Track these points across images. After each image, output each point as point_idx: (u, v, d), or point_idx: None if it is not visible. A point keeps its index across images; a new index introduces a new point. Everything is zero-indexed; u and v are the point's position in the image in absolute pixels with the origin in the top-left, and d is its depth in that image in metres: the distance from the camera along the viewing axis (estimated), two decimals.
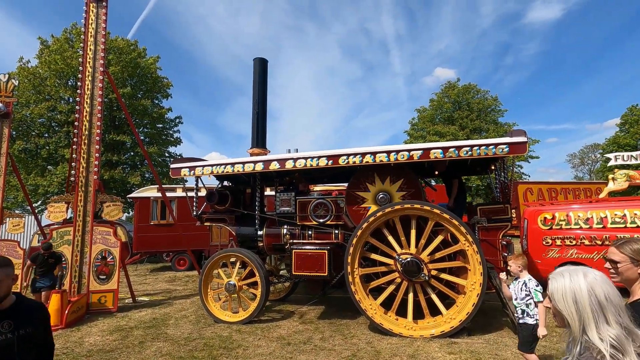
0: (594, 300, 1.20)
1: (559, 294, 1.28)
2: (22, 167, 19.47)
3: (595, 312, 1.18)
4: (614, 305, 1.19)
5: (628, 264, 1.69)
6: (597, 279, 1.25)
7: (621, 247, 1.74)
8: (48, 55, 19.93)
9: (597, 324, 1.17)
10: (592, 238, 7.40)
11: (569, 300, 1.24)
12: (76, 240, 7.25)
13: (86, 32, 7.93)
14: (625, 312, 1.21)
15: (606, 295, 1.20)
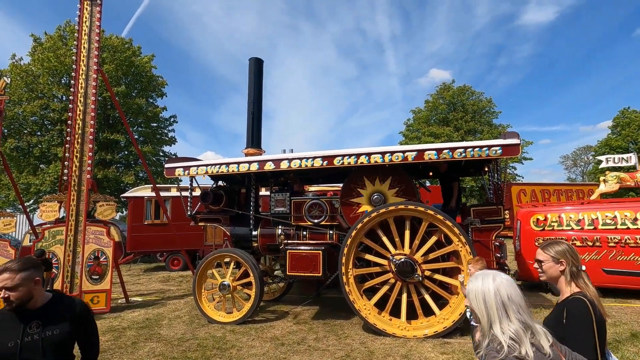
0: (499, 300, 1.38)
1: (472, 294, 1.46)
2: (14, 165, 19.24)
3: (500, 310, 1.37)
4: (515, 304, 1.38)
5: (550, 263, 1.91)
6: (503, 282, 1.43)
7: (545, 248, 1.96)
8: (41, 53, 19.72)
9: (500, 320, 1.37)
10: (584, 239, 7.50)
11: (480, 300, 1.42)
12: (68, 240, 7.19)
13: (80, 30, 7.86)
14: (524, 310, 1.40)
15: (509, 296, 1.39)
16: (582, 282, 1.86)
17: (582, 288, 1.85)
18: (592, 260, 7.39)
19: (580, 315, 1.74)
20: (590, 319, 1.72)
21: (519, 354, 1.30)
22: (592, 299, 1.80)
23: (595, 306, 1.77)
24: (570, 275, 1.88)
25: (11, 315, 1.87)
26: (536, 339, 1.37)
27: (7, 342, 1.80)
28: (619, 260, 7.17)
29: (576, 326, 1.73)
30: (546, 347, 1.35)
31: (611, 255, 7.24)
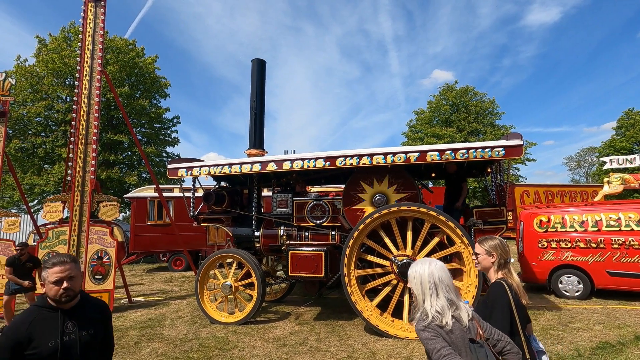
0: (432, 281, 1.71)
1: (411, 277, 1.79)
2: (19, 166, 19.36)
3: (431, 289, 1.70)
4: (444, 285, 1.72)
5: (484, 255, 2.24)
6: (436, 267, 1.76)
7: (481, 243, 2.28)
8: (46, 54, 19.84)
9: (431, 297, 1.70)
10: (587, 241, 7.45)
11: (417, 281, 1.75)
12: (72, 240, 7.23)
13: (84, 32, 7.92)
14: (452, 289, 1.74)
15: (440, 278, 1.72)
16: (506, 271, 2.18)
17: (505, 276, 2.16)
18: (595, 262, 7.35)
19: (498, 297, 2.07)
20: (506, 300, 2.04)
21: (439, 322, 1.65)
22: (512, 284, 2.11)
23: (513, 290, 2.08)
24: (498, 265, 2.20)
25: (48, 313, 1.83)
26: (457, 313, 1.71)
27: (47, 341, 1.76)
28: (623, 262, 7.12)
29: (495, 305, 2.06)
30: (465, 320, 1.70)
31: (615, 257, 7.19)
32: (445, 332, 1.63)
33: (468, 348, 1.62)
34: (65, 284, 1.83)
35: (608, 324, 5.78)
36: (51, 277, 1.82)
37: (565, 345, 4.87)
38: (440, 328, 1.64)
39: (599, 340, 5.05)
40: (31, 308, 1.86)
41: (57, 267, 1.84)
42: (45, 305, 1.85)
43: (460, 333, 1.65)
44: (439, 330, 1.63)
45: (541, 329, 5.58)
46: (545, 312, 6.50)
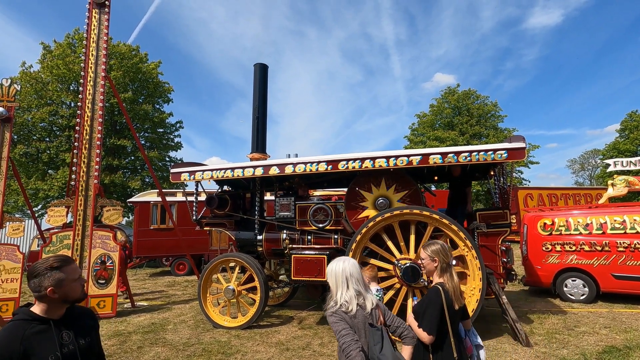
0: (344, 276, 2.05)
1: (328, 273, 2.13)
2: (23, 171, 19.51)
3: (343, 282, 2.04)
4: (354, 278, 2.07)
5: (428, 260, 2.48)
6: (348, 264, 2.12)
7: (425, 248, 2.52)
8: (50, 60, 20.06)
9: (342, 289, 2.04)
10: (592, 244, 7.40)
11: (332, 276, 2.08)
12: (76, 245, 7.26)
13: (88, 38, 8.00)
14: (360, 282, 2.09)
15: (350, 273, 2.07)
16: (447, 275, 2.42)
17: (444, 280, 2.41)
18: (600, 265, 7.29)
19: (432, 299, 2.35)
20: (439, 303, 2.31)
21: (346, 309, 2.02)
22: (448, 289, 2.37)
23: (448, 294, 2.35)
24: (441, 270, 2.44)
25: (39, 326, 1.68)
26: (363, 302, 2.06)
27: (47, 355, 1.63)
28: (629, 265, 7.06)
29: (427, 305, 2.35)
30: (368, 308, 2.06)
31: (620, 260, 7.14)
32: (349, 317, 2.00)
33: (367, 330, 2.00)
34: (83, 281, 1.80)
35: (614, 327, 5.72)
36: (72, 274, 1.73)
37: (571, 350, 4.82)
38: (345, 313, 2.01)
39: (605, 344, 5.00)
40: (15, 323, 1.66)
41: (73, 264, 1.77)
42: (33, 318, 1.68)
43: (362, 318, 2.02)
44: (343, 315, 2.00)
45: (546, 333, 5.53)
46: (551, 315, 6.44)
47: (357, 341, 1.92)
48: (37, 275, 1.69)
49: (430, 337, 2.26)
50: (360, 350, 1.89)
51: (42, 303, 1.71)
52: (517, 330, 5.10)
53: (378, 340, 1.96)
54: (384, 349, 1.95)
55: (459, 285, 2.43)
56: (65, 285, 1.70)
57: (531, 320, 6.21)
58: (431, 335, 2.26)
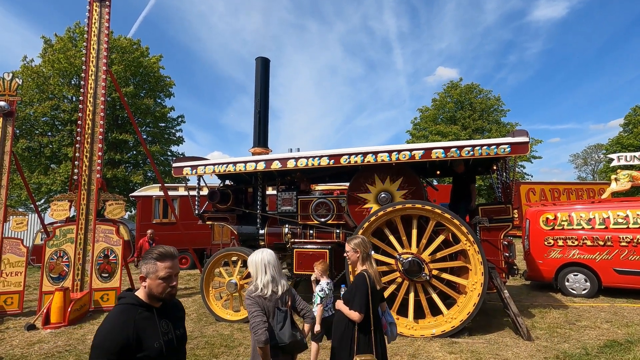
0: (262, 263, 2.39)
1: (249, 263, 2.47)
2: (26, 165, 19.57)
3: (261, 269, 2.37)
4: (271, 266, 2.43)
5: (352, 252, 2.80)
6: (267, 253, 2.48)
7: (349, 242, 2.86)
8: (51, 54, 20.01)
9: (261, 275, 2.38)
10: (595, 239, 7.39)
11: (253, 265, 2.42)
12: (79, 239, 7.30)
13: (89, 32, 7.96)
14: (276, 269, 2.46)
15: (268, 260, 2.42)
16: (368, 263, 2.77)
17: (367, 267, 2.76)
18: (603, 260, 7.29)
19: (359, 284, 2.66)
20: (364, 286, 2.64)
21: (261, 292, 2.38)
22: (371, 274, 2.71)
23: (372, 279, 2.69)
24: (362, 259, 2.78)
25: (145, 312, 1.66)
26: (276, 287, 2.42)
27: (153, 342, 1.61)
28: (631, 260, 7.05)
29: (354, 289, 2.67)
30: (279, 292, 2.43)
31: (623, 254, 7.13)
32: (263, 300, 2.37)
33: (276, 313, 2.38)
34: (174, 281, 1.70)
35: (616, 322, 5.73)
36: (161, 271, 1.66)
37: (572, 344, 4.84)
38: (260, 297, 2.37)
39: (606, 338, 5.01)
40: (126, 306, 1.65)
41: (169, 261, 1.69)
42: (140, 304, 1.67)
43: (273, 302, 2.39)
44: (257, 299, 2.36)
45: (548, 327, 5.54)
46: (552, 310, 6.46)
47: (265, 322, 2.28)
48: (142, 259, 1.71)
49: (361, 315, 2.59)
50: (266, 329, 2.25)
51: (143, 290, 1.71)
52: (518, 325, 5.11)
53: (280, 321, 2.35)
54: (284, 328, 2.34)
55: (378, 271, 2.85)
56: (150, 279, 1.67)
57: (533, 315, 6.22)
58: (362, 314, 2.59)
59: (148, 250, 1.73)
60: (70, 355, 4.87)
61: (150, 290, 1.68)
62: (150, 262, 1.68)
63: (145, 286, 1.69)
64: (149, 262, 1.68)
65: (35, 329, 6.11)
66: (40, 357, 4.85)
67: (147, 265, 1.68)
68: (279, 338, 2.31)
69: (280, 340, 2.31)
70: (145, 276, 1.68)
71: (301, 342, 2.44)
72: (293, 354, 2.49)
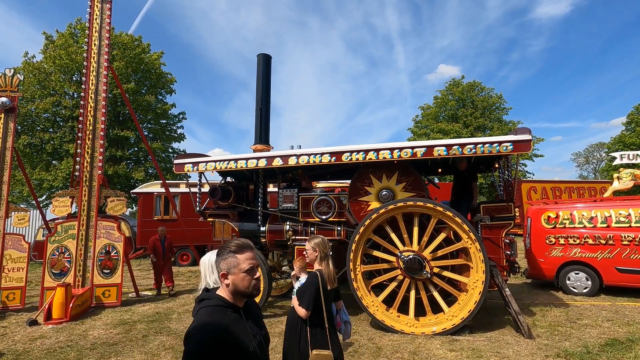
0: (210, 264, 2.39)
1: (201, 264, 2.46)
2: (27, 161, 19.61)
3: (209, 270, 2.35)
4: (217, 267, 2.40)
5: (311, 251, 2.96)
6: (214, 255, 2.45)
7: (309, 241, 3.00)
8: (53, 51, 20.00)
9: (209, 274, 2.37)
10: (596, 237, 7.37)
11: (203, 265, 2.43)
12: (80, 235, 7.31)
13: (90, 28, 7.94)
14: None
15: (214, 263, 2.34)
16: (325, 263, 2.92)
17: (322, 267, 2.91)
18: (604, 258, 7.27)
19: (311, 282, 2.83)
20: (316, 284, 2.78)
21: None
22: (324, 274, 2.87)
23: (324, 278, 2.85)
24: (320, 258, 2.93)
25: (233, 314, 1.53)
26: None
27: (248, 345, 1.47)
28: (633, 258, 7.04)
29: (307, 287, 2.82)
30: None
31: (625, 253, 7.11)
32: None
33: None
34: (257, 273, 1.57)
35: (617, 320, 5.72)
36: (243, 264, 1.53)
37: (573, 342, 4.84)
38: None
39: (607, 337, 5.01)
40: (215, 308, 1.51)
41: (249, 252, 1.57)
42: (228, 304, 1.53)
43: None
44: None
45: (549, 325, 5.54)
46: (553, 308, 6.45)
47: None
48: (218, 255, 1.59)
49: (307, 312, 2.73)
50: None
51: (226, 288, 1.57)
52: (519, 323, 5.11)
53: None
54: None
55: (333, 271, 2.98)
56: (234, 274, 1.54)
57: (534, 313, 6.22)
58: (308, 311, 2.73)
59: (222, 246, 1.62)
60: (71, 351, 4.89)
61: (235, 286, 1.54)
62: (229, 256, 1.56)
63: (228, 284, 1.54)
64: (227, 256, 1.56)
65: (37, 324, 6.13)
66: (42, 353, 4.87)
67: (227, 260, 1.55)
68: None
69: None
70: (227, 272, 1.54)
71: None
72: None
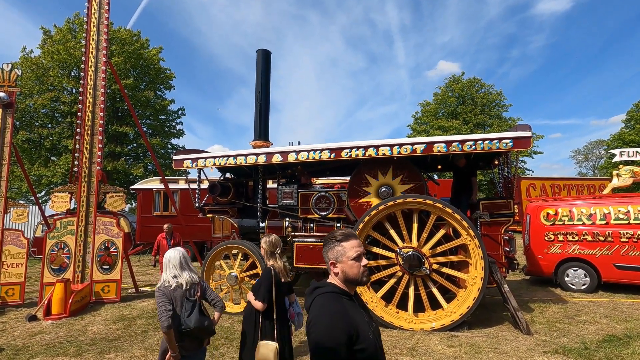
0: (168, 262, 2.76)
1: (164, 259, 2.81)
2: (26, 157, 19.54)
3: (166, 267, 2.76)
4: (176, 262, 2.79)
5: (265, 247, 3.28)
6: (172, 254, 2.82)
7: (262, 239, 3.36)
8: (51, 46, 19.86)
9: (167, 270, 2.75)
10: (595, 234, 7.39)
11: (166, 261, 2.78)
12: (79, 231, 7.30)
13: (89, 22, 7.89)
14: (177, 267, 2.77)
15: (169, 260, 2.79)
16: (274, 259, 3.23)
17: (273, 262, 3.21)
18: (603, 255, 7.29)
19: (265, 277, 3.12)
20: (269, 279, 3.08)
21: (167, 283, 2.71)
22: (277, 269, 3.16)
23: (277, 273, 3.14)
24: (268, 255, 3.25)
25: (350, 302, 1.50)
26: (180, 281, 2.74)
27: (367, 332, 1.43)
28: (632, 255, 7.05)
29: (262, 281, 3.12)
30: (184, 285, 2.74)
31: (623, 250, 7.13)
32: (170, 291, 2.68)
33: (184, 302, 2.70)
34: (365, 261, 1.55)
35: (615, 317, 5.74)
36: (350, 251, 1.51)
37: (571, 338, 4.86)
38: (167, 288, 2.68)
39: (605, 333, 5.03)
40: (331, 295, 1.49)
41: (354, 240, 1.55)
42: (342, 291, 1.51)
43: (180, 292, 2.70)
44: (164, 290, 2.67)
45: (547, 321, 5.56)
46: (551, 305, 6.48)
47: (169, 310, 2.58)
48: (325, 245, 1.59)
49: (263, 305, 2.99)
50: (169, 317, 2.55)
51: (336, 277, 1.56)
52: (518, 319, 5.13)
53: (188, 309, 2.67)
54: (192, 315, 2.65)
55: (284, 266, 3.26)
56: (342, 262, 1.52)
57: (532, 309, 6.24)
58: (265, 304, 2.99)
59: (328, 236, 1.59)
60: (71, 346, 4.90)
61: (345, 275, 1.52)
62: (335, 245, 1.54)
63: (337, 272, 1.53)
64: (333, 245, 1.54)
65: (37, 320, 6.14)
66: (42, 348, 4.88)
67: (334, 249, 1.54)
68: (185, 324, 2.61)
69: (185, 325, 2.61)
70: (336, 261, 1.53)
71: (208, 327, 2.74)
72: (200, 338, 2.76)
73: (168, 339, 2.54)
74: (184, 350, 2.64)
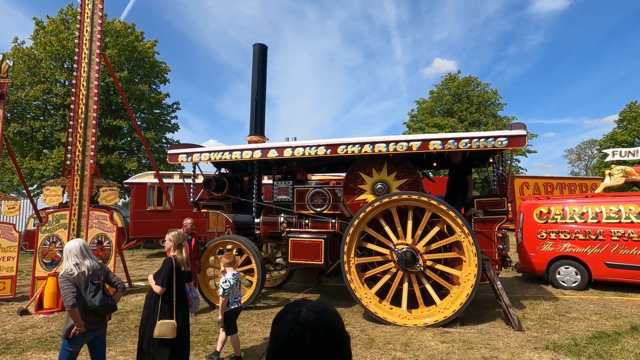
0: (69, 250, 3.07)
1: (65, 250, 3.12)
2: (18, 150, 19.26)
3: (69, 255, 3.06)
4: (77, 251, 3.11)
5: (168, 241, 3.65)
6: (72, 244, 3.15)
7: (169, 232, 3.69)
8: (43, 37, 19.53)
9: (68, 259, 3.06)
10: (587, 232, 7.48)
11: (65, 251, 3.12)
12: (72, 224, 7.23)
13: (82, 13, 7.76)
14: (78, 255, 3.10)
15: (70, 249, 3.12)
16: (178, 251, 3.60)
17: (177, 253, 3.58)
18: (594, 253, 7.39)
19: (165, 265, 3.47)
20: (169, 267, 3.45)
21: (70, 272, 3.02)
22: (178, 259, 3.53)
23: (178, 262, 3.51)
24: (174, 247, 3.60)
25: None
26: (82, 269, 3.07)
27: None
28: (622, 254, 7.16)
29: (163, 268, 3.46)
30: (86, 271, 3.08)
31: (614, 248, 7.23)
32: (73, 277, 3.01)
33: (88, 285, 3.06)
34: None
35: (604, 314, 5.83)
36: None
37: (562, 335, 4.93)
38: (70, 275, 3.01)
39: (595, 330, 5.11)
40: None
41: None
42: None
43: (84, 278, 3.05)
44: (68, 277, 3.00)
45: (538, 318, 5.63)
46: (543, 302, 6.56)
47: (73, 292, 2.94)
48: None
49: (161, 288, 3.35)
50: (73, 297, 2.92)
51: None
52: (509, 315, 5.19)
53: (92, 291, 3.07)
54: (96, 296, 3.07)
55: (186, 257, 3.65)
56: None
57: (524, 306, 6.32)
58: (163, 287, 3.36)
59: None
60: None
61: None
62: None
63: None
64: None
65: (28, 314, 6.09)
66: (33, 342, 4.84)
67: None
68: (90, 302, 3.02)
69: (91, 304, 3.03)
70: None
71: (111, 305, 3.20)
72: (103, 314, 3.20)
73: (73, 316, 2.94)
74: (89, 325, 3.05)
